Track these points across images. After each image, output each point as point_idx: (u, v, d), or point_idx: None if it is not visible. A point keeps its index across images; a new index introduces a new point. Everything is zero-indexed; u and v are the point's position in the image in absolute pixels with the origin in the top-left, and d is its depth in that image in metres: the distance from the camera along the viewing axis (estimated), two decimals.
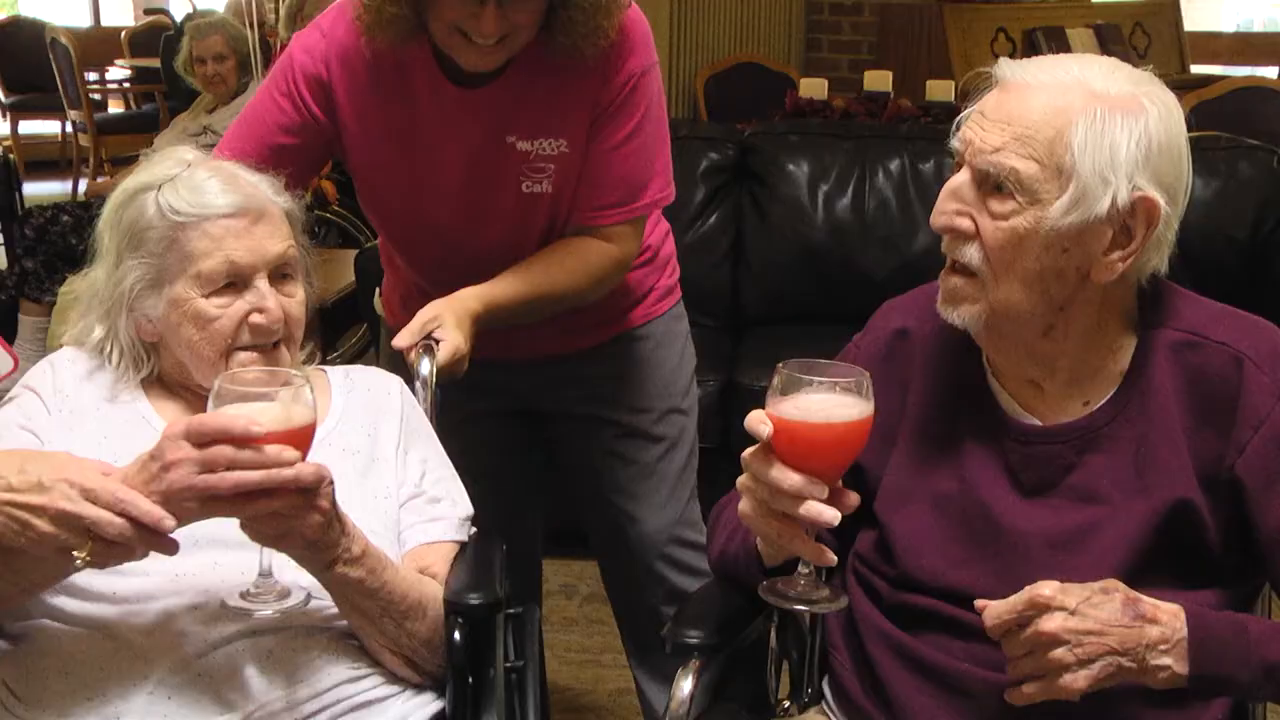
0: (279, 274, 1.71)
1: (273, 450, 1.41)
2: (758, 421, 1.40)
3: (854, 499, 1.46)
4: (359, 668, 1.65)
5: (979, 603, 1.43)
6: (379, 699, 1.65)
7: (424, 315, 1.96)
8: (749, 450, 1.44)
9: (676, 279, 2.40)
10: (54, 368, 1.75)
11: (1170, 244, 1.50)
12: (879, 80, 5.50)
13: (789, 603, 1.48)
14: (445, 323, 1.94)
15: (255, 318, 1.68)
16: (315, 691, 1.59)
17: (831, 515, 1.40)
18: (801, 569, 1.48)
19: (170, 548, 1.43)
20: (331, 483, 1.48)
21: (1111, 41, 7.28)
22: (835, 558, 1.46)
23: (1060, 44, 6.83)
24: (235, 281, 1.68)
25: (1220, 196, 3.73)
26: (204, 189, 1.68)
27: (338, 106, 2.09)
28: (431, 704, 1.70)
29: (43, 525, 1.39)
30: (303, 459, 1.44)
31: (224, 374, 1.49)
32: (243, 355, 1.69)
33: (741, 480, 1.47)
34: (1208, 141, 3.89)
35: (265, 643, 1.59)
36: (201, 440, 1.40)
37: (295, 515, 1.45)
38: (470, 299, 2.00)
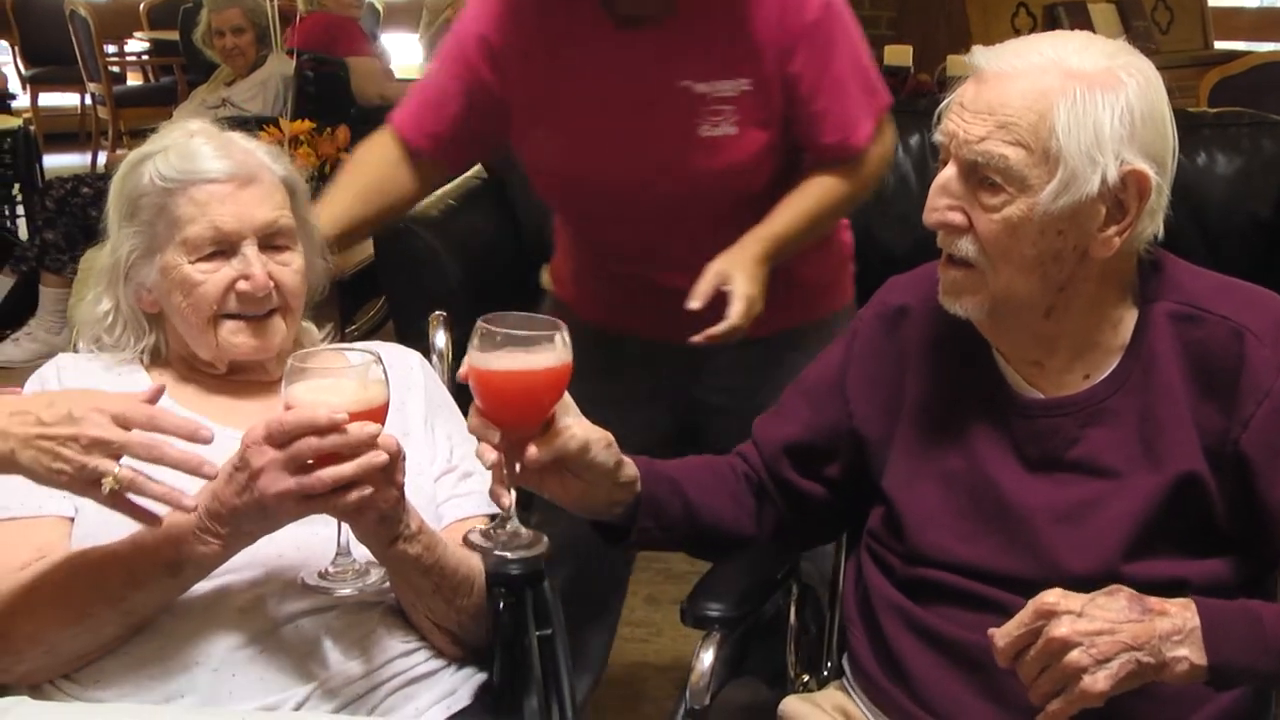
0: (270, 242, 1.69)
1: (355, 429, 1.40)
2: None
3: (531, 453, 1.45)
4: (409, 641, 1.66)
5: (990, 631, 1.42)
6: (429, 672, 1.66)
7: (712, 271, 1.88)
8: None
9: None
10: (59, 373, 1.73)
11: (1164, 209, 1.50)
12: (899, 55, 5.46)
13: (490, 550, 1.48)
14: (734, 278, 1.87)
15: (241, 285, 1.66)
16: (373, 666, 1.60)
17: (489, 458, 1.43)
18: (503, 517, 1.49)
19: (207, 469, 1.42)
20: (405, 456, 1.49)
21: (1133, 16, 7.23)
22: (507, 501, 1.46)
23: (1081, 19, 6.77)
24: (223, 248, 1.66)
25: (1243, 173, 3.69)
26: (196, 155, 1.67)
27: (503, 63, 2.03)
28: (474, 676, 1.71)
29: (73, 454, 1.37)
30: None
31: (295, 354, 1.47)
32: (230, 324, 1.67)
33: None
34: (1230, 118, 3.85)
35: (324, 620, 1.59)
36: (284, 440, 1.40)
37: (377, 490, 1.45)
38: (751, 243, 1.92)
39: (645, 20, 1.95)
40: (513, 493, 1.46)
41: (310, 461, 1.41)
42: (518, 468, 1.46)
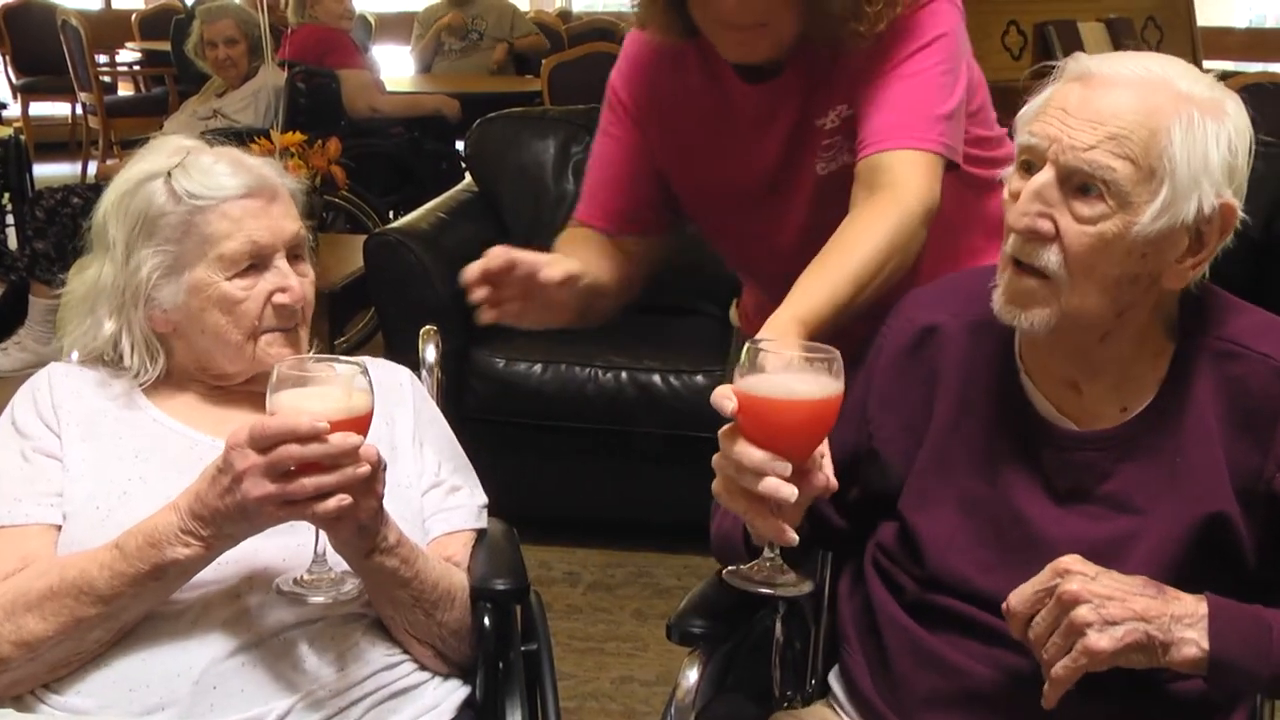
0: (293, 254, 1.71)
1: (338, 439, 1.41)
2: (722, 397, 1.35)
3: (820, 480, 1.39)
4: (393, 654, 1.65)
5: (1013, 592, 1.41)
6: (412, 686, 1.65)
7: None
8: (723, 428, 1.39)
9: None
10: (50, 382, 1.72)
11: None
12: None
13: (754, 586, 1.43)
14: None
15: (279, 297, 1.68)
16: (355, 680, 1.60)
17: (789, 492, 1.33)
18: (768, 551, 1.44)
19: None
20: (385, 467, 1.49)
21: (1123, 35, 7.24)
22: (796, 538, 1.39)
23: (1072, 38, 6.79)
24: (256, 263, 1.67)
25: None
26: (214, 171, 1.67)
27: (644, 124, 1.99)
28: (458, 690, 1.71)
29: None
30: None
31: (282, 361, 1.49)
32: (267, 337, 1.69)
33: (715, 458, 1.41)
34: None
35: (307, 632, 1.59)
36: (266, 445, 1.41)
37: (357, 500, 1.46)
38: (790, 324, 1.64)
39: (770, 73, 1.88)
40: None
41: (292, 468, 1.42)
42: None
